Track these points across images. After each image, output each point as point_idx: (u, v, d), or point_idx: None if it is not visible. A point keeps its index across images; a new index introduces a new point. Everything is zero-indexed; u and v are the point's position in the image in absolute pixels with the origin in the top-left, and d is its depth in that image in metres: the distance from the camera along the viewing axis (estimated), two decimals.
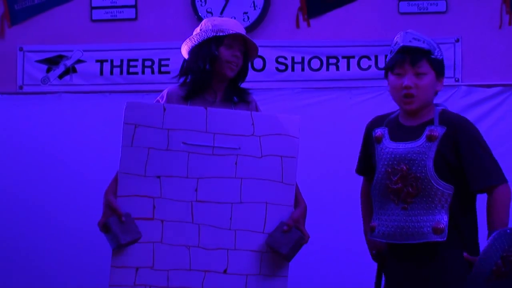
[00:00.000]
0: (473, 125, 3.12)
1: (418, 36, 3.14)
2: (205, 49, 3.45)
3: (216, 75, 3.48)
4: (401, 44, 3.15)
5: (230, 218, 3.28)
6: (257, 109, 3.59)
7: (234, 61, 3.46)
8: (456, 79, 5.23)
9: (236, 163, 3.31)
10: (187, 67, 3.54)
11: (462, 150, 3.06)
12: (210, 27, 3.46)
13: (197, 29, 3.55)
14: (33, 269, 5.37)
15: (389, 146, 3.19)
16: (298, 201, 3.36)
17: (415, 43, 3.12)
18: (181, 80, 3.56)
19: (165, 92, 3.54)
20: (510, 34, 5.21)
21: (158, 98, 3.54)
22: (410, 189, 3.10)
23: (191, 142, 3.31)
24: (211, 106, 3.44)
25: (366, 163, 3.36)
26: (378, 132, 3.26)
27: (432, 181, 3.06)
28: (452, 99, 5.07)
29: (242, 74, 3.55)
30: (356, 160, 3.34)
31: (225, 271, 3.27)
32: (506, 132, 5.11)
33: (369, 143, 3.33)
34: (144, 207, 3.26)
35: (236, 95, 3.54)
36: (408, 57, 3.12)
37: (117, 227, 3.19)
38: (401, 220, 3.13)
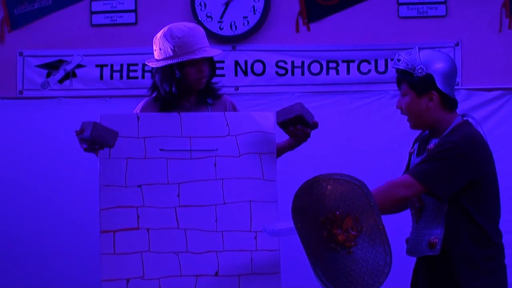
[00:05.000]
0: (459, 138, 3.02)
1: (401, 56, 3.13)
2: (169, 73, 3.41)
3: (185, 88, 3.46)
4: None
5: (216, 220, 3.29)
6: (233, 107, 3.59)
7: (201, 76, 3.45)
8: (456, 83, 5.21)
9: (215, 165, 3.33)
10: (154, 86, 3.50)
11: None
12: (170, 50, 3.40)
13: (156, 43, 3.47)
14: (30, 269, 5.39)
15: (413, 162, 3.21)
16: None
17: (396, 65, 3.14)
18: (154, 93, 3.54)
19: (140, 106, 3.53)
20: (510, 38, 5.20)
21: (134, 111, 3.53)
22: (417, 204, 3.11)
23: (168, 148, 3.31)
24: (187, 109, 3.44)
25: None
26: (413, 148, 3.28)
27: (430, 197, 3.05)
28: None
29: (210, 75, 3.54)
30: (354, 162, 3.30)
31: (216, 274, 3.27)
32: (506, 136, 5.11)
33: (409, 157, 3.32)
34: (129, 217, 3.27)
35: (210, 96, 3.53)
36: (396, 79, 3.17)
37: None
38: (414, 234, 3.15)
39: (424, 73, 3.09)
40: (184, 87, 3.45)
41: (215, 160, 3.33)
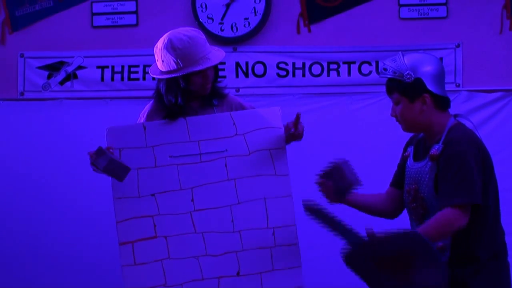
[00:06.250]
0: (463, 143, 3.03)
1: (386, 64, 3.14)
2: (173, 85, 3.38)
3: (190, 94, 3.43)
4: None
5: (232, 221, 3.30)
6: (241, 105, 3.55)
7: (207, 82, 3.42)
8: (457, 84, 5.23)
9: (226, 165, 3.34)
10: (159, 94, 3.44)
11: (440, 167, 3.05)
12: (173, 63, 3.36)
13: (157, 53, 3.41)
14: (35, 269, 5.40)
15: (410, 166, 3.20)
16: None
17: (383, 74, 3.14)
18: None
19: (145, 112, 3.49)
20: (511, 39, 5.21)
21: (140, 116, 3.51)
22: (420, 209, 3.12)
23: (178, 154, 3.31)
24: (193, 114, 3.42)
25: (397, 179, 3.34)
26: (408, 151, 3.27)
27: (434, 202, 3.06)
28: (453, 105, 4.96)
29: (214, 78, 3.50)
30: (355, 164, 3.31)
31: (238, 274, 3.28)
32: (507, 137, 5.11)
33: (403, 160, 3.32)
34: (145, 227, 3.28)
35: (215, 97, 3.52)
36: (386, 89, 3.17)
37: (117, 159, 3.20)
38: None
39: (413, 78, 3.09)
40: (189, 93, 3.44)
41: (226, 161, 3.34)
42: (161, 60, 3.39)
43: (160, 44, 3.40)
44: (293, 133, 3.36)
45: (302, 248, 3.38)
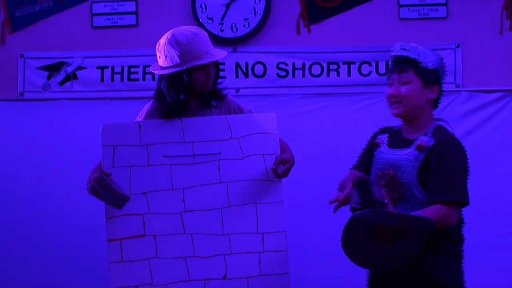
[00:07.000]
0: (457, 143, 3.16)
1: (407, 46, 3.23)
2: (177, 80, 3.38)
3: (191, 92, 3.44)
4: (391, 54, 3.26)
5: (222, 224, 3.31)
6: (240, 108, 3.55)
7: (209, 79, 3.43)
8: (457, 84, 5.22)
9: (219, 168, 3.34)
10: (160, 93, 3.45)
11: (431, 163, 3.11)
12: (177, 57, 3.36)
13: (160, 50, 3.42)
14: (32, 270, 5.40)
15: (384, 152, 3.28)
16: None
17: (402, 53, 3.22)
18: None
19: (144, 111, 3.50)
20: (511, 39, 5.21)
21: (138, 115, 3.51)
22: (394, 194, 3.15)
23: (171, 154, 3.32)
24: (191, 115, 3.43)
25: (363, 163, 3.40)
26: (379, 139, 3.35)
27: (413, 189, 3.13)
28: (452, 105, 5.08)
29: (215, 77, 3.52)
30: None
31: (224, 277, 3.28)
32: (507, 137, 5.11)
33: (370, 147, 3.40)
34: (135, 225, 3.29)
35: (214, 98, 3.52)
36: (396, 67, 3.23)
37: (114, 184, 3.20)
38: None
39: (433, 67, 3.19)
40: (191, 91, 3.44)
41: (219, 164, 3.35)
42: (164, 56, 3.40)
43: (163, 40, 3.42)
44: (275, 169, 3.36)
45: (299, 248, 3.38)
